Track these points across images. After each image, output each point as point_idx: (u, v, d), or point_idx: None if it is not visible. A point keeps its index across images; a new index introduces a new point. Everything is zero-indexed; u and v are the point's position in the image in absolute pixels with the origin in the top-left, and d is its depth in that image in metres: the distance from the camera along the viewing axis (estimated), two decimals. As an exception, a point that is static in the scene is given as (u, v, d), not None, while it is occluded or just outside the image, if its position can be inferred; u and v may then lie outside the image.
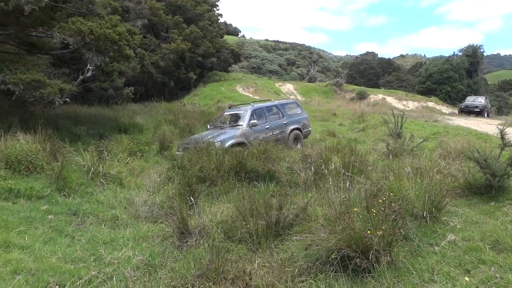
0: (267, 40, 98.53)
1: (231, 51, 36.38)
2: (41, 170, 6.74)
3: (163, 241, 4.63)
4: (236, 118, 10.89)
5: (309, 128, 12.70)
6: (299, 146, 11.43)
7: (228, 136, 9.66)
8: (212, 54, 31.63)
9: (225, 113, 11.63)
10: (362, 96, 35.78)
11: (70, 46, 13.32)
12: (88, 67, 15.58)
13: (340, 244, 3.71)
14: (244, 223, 4.64)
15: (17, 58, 13.10)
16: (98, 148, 8.51)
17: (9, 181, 5.77)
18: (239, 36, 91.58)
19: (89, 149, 7.67)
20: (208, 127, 11.48)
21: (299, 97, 33.44)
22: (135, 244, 4.47)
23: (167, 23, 29.65)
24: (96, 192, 6.33)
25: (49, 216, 5.01)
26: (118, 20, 14.05)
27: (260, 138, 10.05)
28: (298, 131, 11.88)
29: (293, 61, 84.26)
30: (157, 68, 26.37)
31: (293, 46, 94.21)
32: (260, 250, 4.33)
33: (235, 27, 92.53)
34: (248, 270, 3.87)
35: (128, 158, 8.86)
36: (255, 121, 10.35)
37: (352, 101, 33.68)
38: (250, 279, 3.75)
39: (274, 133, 10.91)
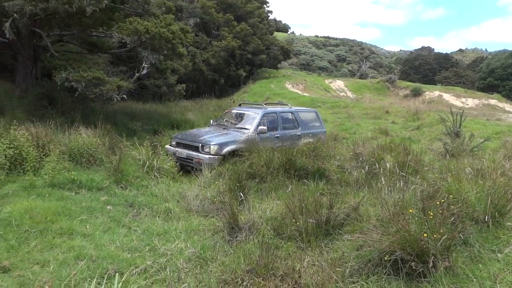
0: (317, 36, 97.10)
1: (281, 48, 36.32)
2: (100, 163, 7.15)
3: (213, 235, 4.73)
4: (243, 119, 9.56)
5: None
6: None
7: (229, 140, 8.38)
8: (261, 51, 31.77)
9: (233, 111, 10.30)
10: (416, 93, 34.25)
11: (128, 45, 13.97)
12: (143, 65, 16.28)
13: (394, 246, 3.58)
14: (294, 220, 4.62)
15: (79, 57, 13.98)
16: (153, 143, 8.85)
17: (72, 173, 6.16)
18: (289, 32, 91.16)
19: (144, 144, 7.98)
20: (211, 122, 10.30)
21: (349, 94, 32.71)
22: (187, 237, 4.60)
23: (218, 21, 30.17)
24: (150, 185, 6.60)
25: (108, 207, 5.30)
26: (172, 19, 14.52)
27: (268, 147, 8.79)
28: None
29: (344, 57, 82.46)
30: (208, 66, 26.95)
31: (344, 42, 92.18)
32: (310, 249, 4.29)
33: (285, 24, 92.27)
34: (297, 268, 3.85)
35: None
36: (265, 127, 9.00)
37: (406, 98, 32.29)
38: (300, 277, 3.74)
39: (285, 144, 8.90)
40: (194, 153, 8.13)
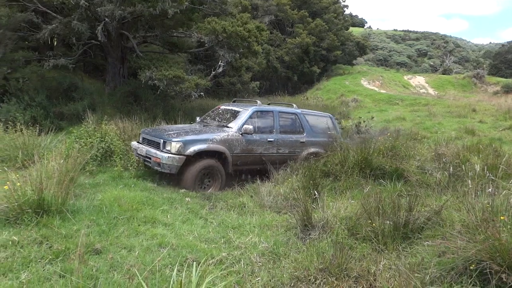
0: (395, 30, 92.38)
1: (356, 44, 35.22)
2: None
3: (286, 231, 4.74)
4: (230, 116, 7.95)
5: None
6: None
7: (199, 139, 6.80)
8: (336, 47, 31.08)
9: (221, 107, 8.68)
10: (509, 90, 30.98)
11: (206, 44, 14.54)
12: (219, 63, 16.79)
13: (481, 255, 3.29)
14: (370, 221, 4.47)
15: (161, 57, 14.87)
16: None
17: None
18: (365, 27, 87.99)
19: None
20: (198, 119, 8.78)
21: (430, 90, 30.65)
22: (261, 232, 4.67)
23: (292, 18, 30.11)
24: (226, 180, 6.82)
25: (187, 199, 5.60)
26: (248, 17, 14.79)
27: (256, 153, 7.44)
28: (319, 158, 8.15)
29: (425, 51, 77.43)
30: (281, 63, 27.05)
31: (425, 35, 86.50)
32: (386, 251, 4.12)
33: (361, 19, 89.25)
34: (372, 271, 3.72)
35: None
36: (251, 127, 7.27)
37: (496, 95, 29.37)
38: (375, 280, 3.60)
39: (280, 151, 7.81)
40: (154, 150, 6.73)
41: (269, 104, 9.62)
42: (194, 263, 3.05)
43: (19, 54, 12.12)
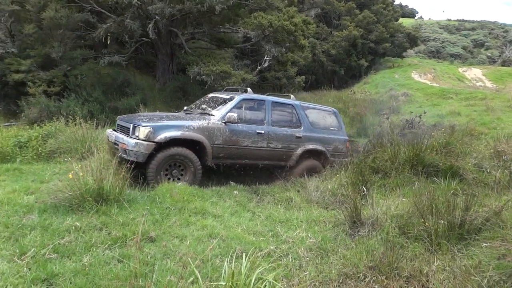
0: (449, 20, 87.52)
1: (407, 35, 33.78)
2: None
3: (334, 227, 4.70)
4: (216, 104, 7.22)
5: (345, 158, 7.70)
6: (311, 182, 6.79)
7: (173, 125, 6.15)
8: (385, 39, 30.03)
9: (210, 95, 7.94)
10: None
11: (252, 39, 14.65)
12: (265, 58, 16.83)
13: (548, 260, 3.09)
14: (422, 220, 4.32)
15: (209, 53, 15.17)
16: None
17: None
18: (416, 18, 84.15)
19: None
20: (185, 108, 8.05)
21: (488, 83, 28.81)
22: (308, 227, 4.66)
23: (339, 10, 29.47)
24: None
25: (235, 192, 5.71)
26: (294, 11, 14.70)
27: (242, 145, 6.69)
28: (319, 157, 7.63)
29: (482, 42, 72.77)
30: (327, 56, 26.60)
31: (482, 25, 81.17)
32: (440, 252, 3.97)
33: (412, 9, 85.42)
34: (425, 271, 3.61)
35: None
36: (235, 115, 6.52)
37: None
38: (427, 281, 3.50)
39: (272, 145, 7.01)
40: (122, 136, 6.17)
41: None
42: (244, 254, 3.11)
43: (77, 52, 12.87)
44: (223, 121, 6.49)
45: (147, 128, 5.86)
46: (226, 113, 6.55)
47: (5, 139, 7.68)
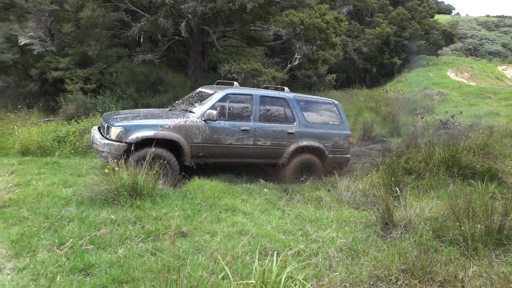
0: (488, 16, 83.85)
1: (443, 32, 32.69)
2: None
3: (365, 228, 4.63)
4: (201, 100, 6.80)
5: (348, 155, 7.51)
6: (308, 182, 6.94)
7: (147, 124, 5.87)
8: (420, 36, 29.17)
9: (198, 89, 7.53)
10: None
11: (283, 37, 14.59)
12: (295, 56, 16.73)
13: None
14: (458, 224, 4.18)
15: (239, 51, 15.24)
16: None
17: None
18: (453, 14, 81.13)
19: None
20: (173, 104, 7.70)
21: (530, 83, 27.42)
22: (338, 227, 4.61)
23: (372, 7, 28.86)
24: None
25: (265, 190, 5.72)
26: (326, 9, 14.52)
27: (225, 143, 6.33)
28: (315, 154, 7.07)
29: (524, 39, 69.38)
30: (359, 54, 26.13)
31: (525, 21, 77.37)
32: (476, 257, 3.84)
33: (448, 5, 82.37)
34: (460, 277, 3.50)
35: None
36: (215, 111, 6.15)
37: None
38: (462, 286, 3.40)
39: (259, 143, 6.58)
40: (97, 136, 6.01)
41: (266, 88, 7.99)
42: (275, 252, 3.12)
43: (112, 50, 13.24)
44: (203, 119, 6.16)
45: (118, 128, 5.68)
46: (206, 110, 6.19)
47: (45, 134, 8.03)
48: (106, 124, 5.89)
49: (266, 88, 8.05)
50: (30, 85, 12.21)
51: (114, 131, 5.69)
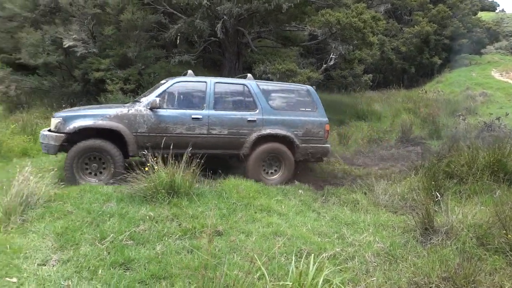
0: (537, 12, 79.31)
1: (486, 30, 31.29)
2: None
3: (404, 233, 4.49)
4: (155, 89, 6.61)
5: (325, 144, 6.89)
6: (278, 175, 6.56)
7: (86, 114, 5.76)
8: (461, 35, 28.01)
9: (162, 80, 7.02)
10: None
11: (318, 37, 14.45)
12: (331, 56, 16.52)
13: None
14: (504, 232, 3.97)
15: (274, 51, 15.23)
16: (339, 133, 8.98)
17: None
18: (497, 11, 77.36)
19: (331, 134, 8.16)
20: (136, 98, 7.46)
21: None
22: (375, 231, 4.50)
23: (411, 5, 28.05)
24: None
25: (300, 191, 5.69)
26: (363, 8, 14.24)
27: (174, 133, 6.01)
28: (283, 144, 6.54)
29: None
30: (397, 54, 25.45)
31: None
32: (524, 268, 3.63)
33: (492, 1, 78.53)
34: (506, 287, 3.32)
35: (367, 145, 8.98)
36: (158, 99, 5.91)
37: None
38: (509, 298, 3.22)
39: (214, 132, 6.22)
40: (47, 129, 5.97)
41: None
42: (313, 255, 3.09)
43: (150, 52, 13.60)
44: (148, 107, 5.93)
45: (58, 119, 5.61)
46: (153, 99, 5.96)
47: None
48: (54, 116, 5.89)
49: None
50: (74, 85, 12.76)
51: (53, 122, 5.67)
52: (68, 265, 3.27)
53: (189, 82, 6.46)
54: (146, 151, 5.18)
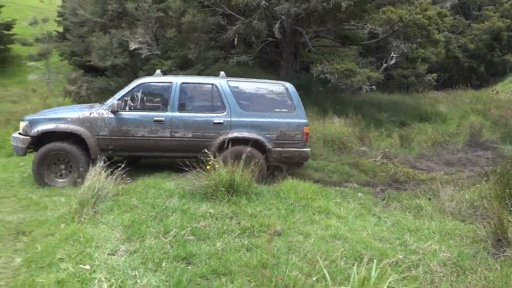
0: None
1: None
2: (349, 151, 7.51)
3: (473, 243, 4.20)
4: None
5: (304, 148, 6.28)
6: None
7: (50, 117, 5.99)
8: (539, 30, 25.68)
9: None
10: None
11: (379, 36, 14.00)
12: (391, 54, 15.92)
13: None
14: None
15: (332, 51, 14.97)
16: (400, 135, 8.61)
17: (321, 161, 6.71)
18: None
19: (392, 136, 7.87)
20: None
21: None
22: (441, 239, 4.26)
23: (480, 0, 26.21)
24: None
25: (359, 194, 5.53)
26: (428, 3, 13.58)
27: (136, 136, 5.94)
28: (254, 148, 5.97)
29: None
30: (464, 52, 23.88)
31: None
32: None
33: None
34: None
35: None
36: (116, 103, 5.91)
37: None
38: None
39: (178, 135, 6.00)
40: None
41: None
42: (375, 260, 2.99)
43: (209, 53, 13.97)
44: (110, 110, 5.92)
45: (25, 122, 5.90)
46: (112, 102, 5.97)
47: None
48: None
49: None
50: (138, 86, 13.47)
51: (21, 125, 5.96)
52: (134, 256, 3.45)
53: (154, 83, 6.34)
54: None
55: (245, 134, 6.05)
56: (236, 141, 5.95)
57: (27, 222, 4.34)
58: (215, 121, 6.10)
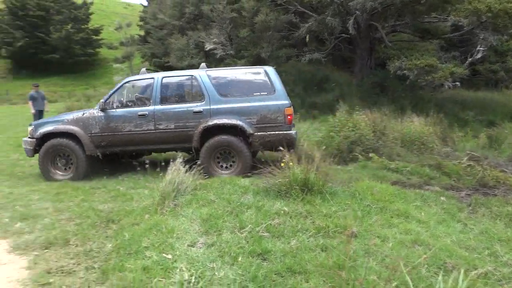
0: None
1: None
2: (430, 151, 7.06)
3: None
4: None
5: (288, 131, 6.09)
6: (232, 170, 6.15)
7: (50, 120, 6.79)
8: None
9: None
10: None
11: (464, 28, 13.00)
12: (478, 48, 14.70)
13: None
14: None
15: (411, 45, 14.22)
16: (489, 135, 7.89)
17: (398, 162, 6.37)
18: None
19: (479, 136, 7.25)
20: None
21: None
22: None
23: None
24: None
25: (442, 198, 5.17)
26: (522, -9, 12.27)
27: (124, 131, 6.31)
28: (232, 135, 6.09)
29: None
30: None
31: None
32: None
33: None
34: None
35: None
36: (102, 101, 6.38)
37: None
38: None
39: (161, 127, 6.21)
40: None
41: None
42: (462, 270, 2.77)
43: (282, 51, 14.05)
44: (100, 109, 6.40)
45: (31, 126, 6.69)
46: (100, 101, 6.42)
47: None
48: None
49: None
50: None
51: (29, 129, 6.71)
52: (212, 249, 3.57)
53: (138, 80, 6.77)
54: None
55: (224, 120, 6.12)
56: (217, 128, 6.13)
57: (116, 211, 4.72)
58: (194, 110, 6.25)
